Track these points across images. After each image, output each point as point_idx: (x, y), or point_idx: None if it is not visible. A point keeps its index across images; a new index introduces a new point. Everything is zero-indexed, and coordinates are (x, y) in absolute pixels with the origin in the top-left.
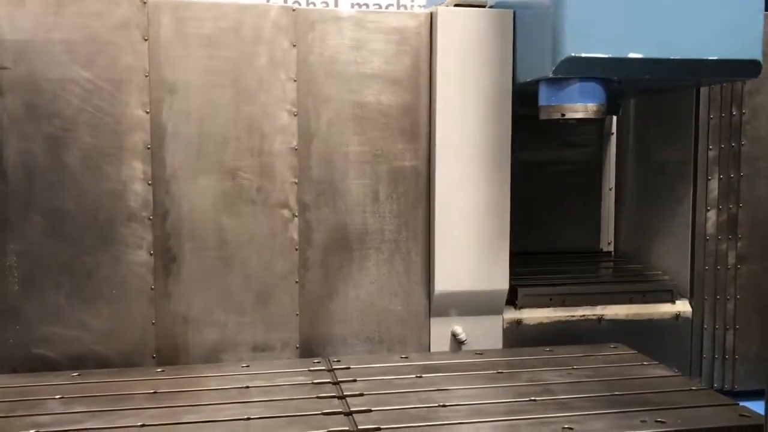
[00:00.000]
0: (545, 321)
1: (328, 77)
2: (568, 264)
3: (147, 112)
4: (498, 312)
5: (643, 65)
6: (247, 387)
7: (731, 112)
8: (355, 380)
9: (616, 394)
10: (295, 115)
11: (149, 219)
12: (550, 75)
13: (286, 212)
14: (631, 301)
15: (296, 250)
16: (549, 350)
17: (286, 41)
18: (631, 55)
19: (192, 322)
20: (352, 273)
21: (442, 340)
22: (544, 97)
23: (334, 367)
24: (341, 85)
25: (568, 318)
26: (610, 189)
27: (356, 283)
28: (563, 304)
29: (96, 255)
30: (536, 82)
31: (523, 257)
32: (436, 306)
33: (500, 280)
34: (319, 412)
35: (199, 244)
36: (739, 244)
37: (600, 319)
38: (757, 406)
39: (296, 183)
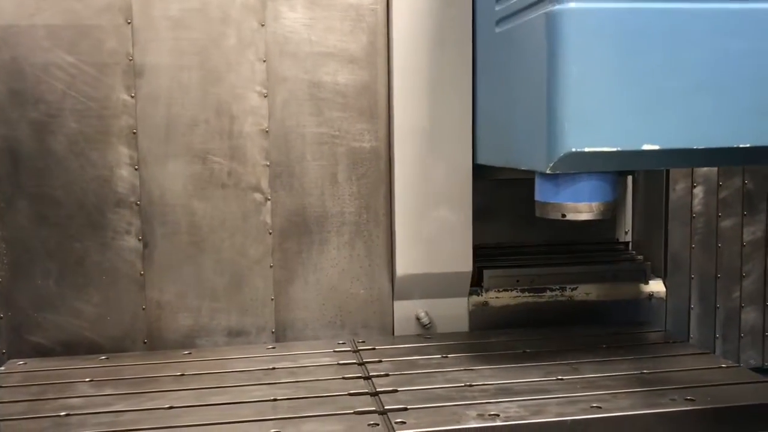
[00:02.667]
0: (512, 303)
1: (283, 57)
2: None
3: (132, 97)
4: (463, 294)
5: (660, 157)
6: (273, 368)
7: None
8: (380, 361)
9: (644, 373)
10: (265, 97)
11: (137, 204)
12: (547, 171)
13: (258, 196)
14: (602, 282)
15: (269, 234)
16: (574, 329)
17: (254, 21)
18: (646, 147)
19: (165, 308)
20: (312, 257)
21: (406, 324)
22: (541, 192)
23: (359, 347)
24: (296, 64)
25: (535, 300)
26: None
27: (316, 267)
28: (531, 285)
29: (84, 241)
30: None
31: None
32: (399, 289)
33: (464, 262)
34: (346, 393)
35: (171, 229)
36: None
37: (569, 300)
38: None
39: (268, 166)
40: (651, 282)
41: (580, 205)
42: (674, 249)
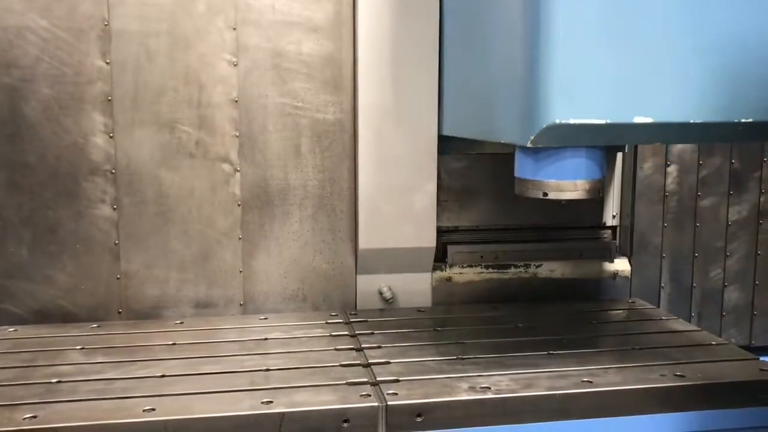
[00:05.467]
0: (476, 279)
1: (244, 25)
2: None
3: (107, 63)
4: (426, 269)
5: (653, 131)
6: (266, 339)
7: None
8: (372, 333)
9: (635, 348)
10: (235, 65)
11: (111, 173)
12: (528, 145)
13: (227, 166)
14: (566, 259)
15: (238, 205)
16: (566, 305)
17: None
18: (638, 120)
19: (133, 278)
20: (274, 230)
21: (369, 298)
22: (521, 168)
23: (351, 319)
24: (258, 33)
25: (499, 276)
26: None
27: (278, 240)
28: (495, 261)
29: (58, 209)
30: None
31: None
32: (362, 263)
33: (427, 237)
34: (338, 364)
35: (138, 199)
36: (762, 199)
37: (534, 277)
38: None
39: (237, 136)
40: (616, 260)
41: (564, 183)
42: (642, 228)
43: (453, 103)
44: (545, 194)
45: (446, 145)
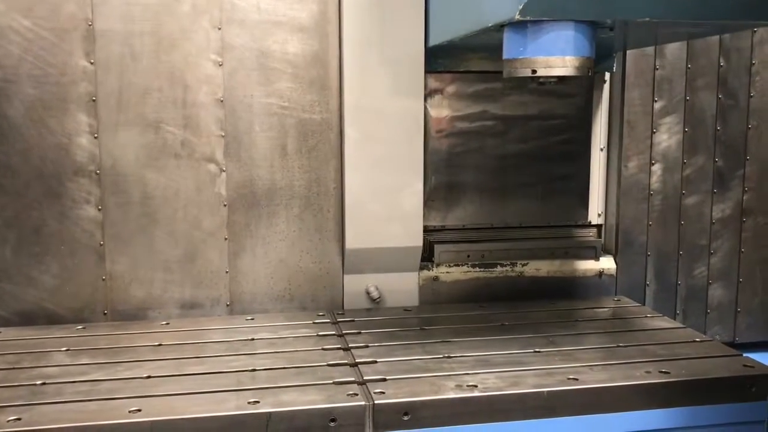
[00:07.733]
0: (463, 278)
1: (229, 25)
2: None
3: (92, 63)
4: (413, 269)
5: (644, 4)
6: (252, 339)
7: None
8: (359, 332)
9: (620, 346)
10: (220, 65)
11: (96, 173)
12: (516, 17)
13: (212, 167)
14: (552, 258)
15: (224, 206)
16: (552, 303)
17: None
18: None
19: (118, 279)
20: (261, 230)
21: (356, 298)
22: (509, 47)
23: (338, 319)
24: (243, 32)
25: (486, 275)
26: (602, 149)
27: (265, 241)
28: (481, 260)
29: (42, 210)
30: (498, 27)
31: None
32: (349, 263)
33: (414, 237)
34: (325, 364)
35: (123, 199)
36: (745, 197)
37: (520, 276)
38: (760, 357)
39: (223, 136)
40: (602, 259)
41: (553, 59)
42: (627, 226)
43: (439, 10)
44: (534, 72)
45: (433, 62)
